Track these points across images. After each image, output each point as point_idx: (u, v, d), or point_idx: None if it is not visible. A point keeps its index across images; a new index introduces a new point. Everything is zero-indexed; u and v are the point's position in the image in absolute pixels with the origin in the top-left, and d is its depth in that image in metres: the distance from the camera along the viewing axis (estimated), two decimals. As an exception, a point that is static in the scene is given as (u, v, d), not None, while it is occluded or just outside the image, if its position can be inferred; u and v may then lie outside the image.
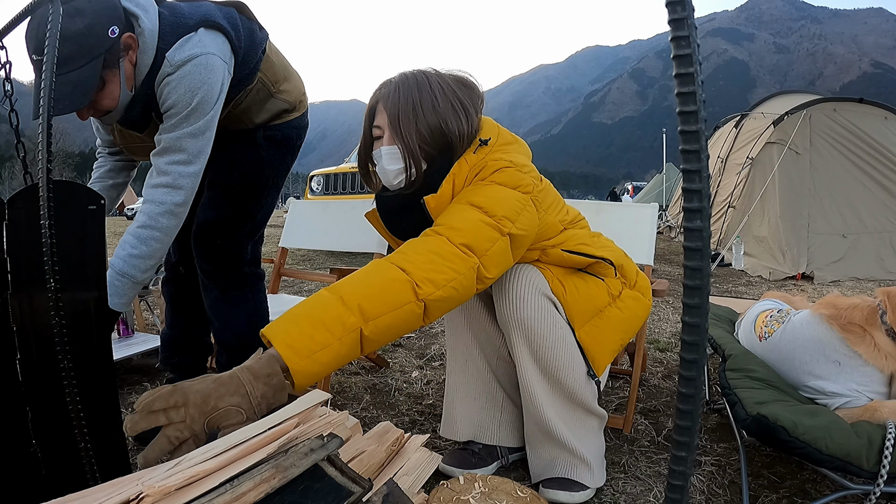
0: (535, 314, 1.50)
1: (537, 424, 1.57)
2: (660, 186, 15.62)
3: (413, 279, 1.21)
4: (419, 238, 1.33)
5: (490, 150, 1.49)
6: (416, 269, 1.23)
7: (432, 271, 1.24)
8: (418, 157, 1.43)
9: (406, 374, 2.70)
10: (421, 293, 1.21)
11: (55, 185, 1.06)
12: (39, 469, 1.19)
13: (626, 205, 2.74)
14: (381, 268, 1.24)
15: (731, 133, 8.32)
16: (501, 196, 1.38)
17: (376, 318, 1.16)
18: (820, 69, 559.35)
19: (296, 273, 3.23)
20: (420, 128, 1.42)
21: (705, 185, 0.52)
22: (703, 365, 0.55)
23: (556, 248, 1.56)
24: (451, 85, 1.48)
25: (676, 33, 0.50)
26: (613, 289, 1.65)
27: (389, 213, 1.58)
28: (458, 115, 1.46)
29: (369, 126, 1.52)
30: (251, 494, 0.89)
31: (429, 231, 1.34)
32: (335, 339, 1.11)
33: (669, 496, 0.58)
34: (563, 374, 1.52)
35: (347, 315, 1.13)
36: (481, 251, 1.30)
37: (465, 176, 1.45)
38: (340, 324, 1.12)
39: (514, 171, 1.42)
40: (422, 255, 1.26)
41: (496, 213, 1.35)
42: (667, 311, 4.15)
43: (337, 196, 7.84)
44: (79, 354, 1.10)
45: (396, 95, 1.44)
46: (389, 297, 1.19)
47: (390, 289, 1.20)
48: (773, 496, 1.58)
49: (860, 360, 1.48)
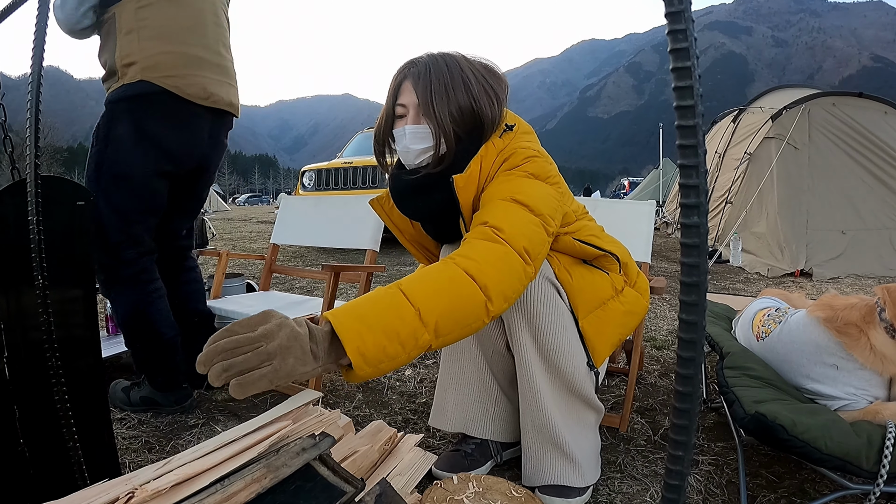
0: (539, 299, 1.49)
1: (533, 417, 1.55)
2: (656, 182, 15.64)
3: (488, 296, 1.15)
4: (484, 245, 1.24)
5: (514, 137, 1.48)
6: (492, 284, 1.16)
7: (506, 286, 1.19)
8: (451, 137, 1.42)
9: (399, 372, 2.68)
10: (492, 310, 1.17)
11: (43, 181, 1.05)
12: (27, 468, 1.18)
13: (623, 202, 2.72)
14: (459, 281, 1.15)
15: (729, 128, 8.30)
16: (542, 193, 1.37)
17: (446, 335, 1.12)
18: (819, 63, 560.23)
19: (287, 270, 3.23)
20: (452, 108, 1.41)
21: (702, 180, 0.51)
22: (701, 363, 0.54)
23: (568, 235, 1.56)
24: (479, 70, 1.48)
25: (673, 27, 0.49)
26: (617, 283, 1.65)
27: (407, 193, 1.55)
28: (490, 99, 1.46)
29: (392, 104, 1.49)
30: (242, 494, 0.88)
31: (485, 233, 1.26)
32: (405, 353, 1.05)
33: (666, 496, 0.57)
34: (564, 362, 1.51)
35: (423, 332, 1.07)
36: (535, 255, 1.28)
37: (493, 159, 1.44)
38: (414, 340, 1.06)
39: (542, 162, 1.43)
40: (494, 266, 1.20)
41: (542, 211, 1.33)
42: (664, 309, 4.14)
43: (329, 192, 7.76)
44: (67, 352, 1.09)
45: (428, 75, 1.42)
46: (465, 318, 1.14)
47: (468, 310, 1.14)
48: (771, 496, 1.57)
49: (857, 364, 1.47)
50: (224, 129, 2.30)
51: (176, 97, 2.01)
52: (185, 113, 2.06)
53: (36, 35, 1.02)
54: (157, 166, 2.05)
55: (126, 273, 2.05)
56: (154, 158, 2.03)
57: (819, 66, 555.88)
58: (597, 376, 1.60)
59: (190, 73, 2.03)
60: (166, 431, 1.99)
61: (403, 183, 1.54)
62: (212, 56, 2.13)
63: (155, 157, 2.03)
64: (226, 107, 2.20)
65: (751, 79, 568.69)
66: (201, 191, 2.40)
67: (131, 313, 2.07)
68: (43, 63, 1.03)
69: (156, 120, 2.00)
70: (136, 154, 1.99)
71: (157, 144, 2.02)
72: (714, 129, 9.10)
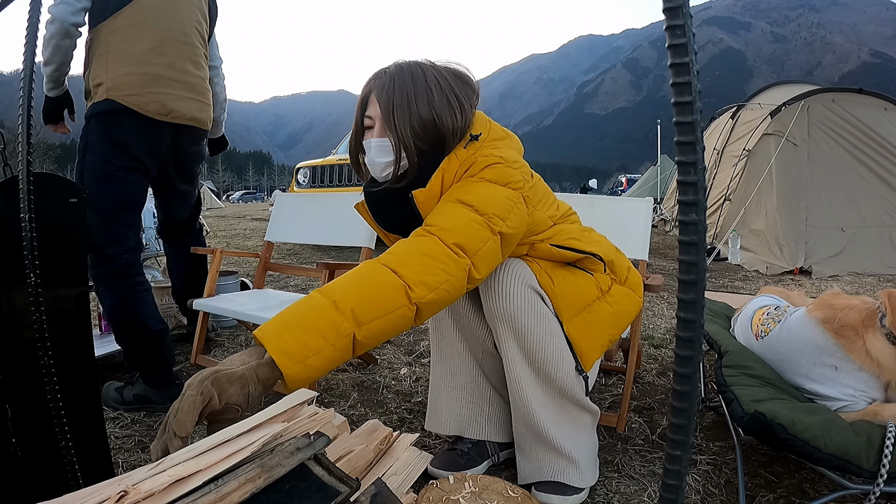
0: (523, 307, 1.48)
1: (526, 423, 1.55)
2: (654, 179, 15.59)
3: (406, 282, 1.20)
4: (410, 239, 1.31)
5: (480, 146, 1.47)
6: (409, 272, 1.21)
7: (425, 274, 1.22)
8: (412, 151, 1.43)
9: (395, 370, 2.68)
10: (414, 296, 1.20)
11: (36, 178, 1.04)
12: (19, 468, 1.17)
13: (620, 199, 2.72)
14: (374, 271, 1.22)
15: (728, 124, 8.27)
16: (492, 194, 1.37)
17: (369, 323, 1.15)
18: (818, 59, 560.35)
19: (281, 267, 3.21)
20: (413, 122, 1.41)
21: (701, 177, 0.51)
22: (699, 362, 0.54)
23: (545, 242, 1.55)
24: (446, 78, 1.47)
25: (671, 22, 0.49)
26: (602, 284, 1.64)
27: (377, 206, 1.57)
28: (453, 110, 1.44)
29: (361, 115, 1.50)
30: (236, 494, 0.87)
31: (420, 231, 1.33)
32: (328, 345, 1.10)
33: (664, 496, 0.56)
34: (552, 368, 1.50)
35: (341, 320, 1.12)
36: (473, 251, 1.29)
37: (455, 171, 1.44)
38: (334, 329, 1.11)
39: (503, 168, 1.41)
40: (415, 257, 1.25)
41: (487, 211, 1.33)
42: (661, 307, 4.14)
43: (324, 189, 7.69)
44: (60, 351, 1.08)
45: (391, 87, 1.42)
46: (382, 301, 1.17)
47: (383, 293, 1.18)
48: (770, 496, 1.57)
49: (856, 366, 1.46)
50: (188, 138, 2.48)
51: (137, 114, 2.22)
52: (147, 127, 2.27)
53: (28, 30, 1.01)
54: (128, 166, 2.25)
55: (109, 268, 2.20)
56: (126, 161, 2.24)
57: (818, 62, 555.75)
58: (586, 380, 1.59)
59: (150, 91, 2.24)
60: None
61: (373, 196, 1.57)
62: (175, 73, 2.32)
63: (125, 160, 2.24)
64: (187, 121, 2.40)
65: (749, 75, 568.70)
66: (178, 187, 2.62)
67: (117, 304, 2.20)
68: (35, 59, 1.02)
69: (122, 130, 2.22)
70: (110, 158, 2.21)
71: (125, 151, 2.23)
72: (712, 125, 9.08)
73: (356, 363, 2.75)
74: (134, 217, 2.32)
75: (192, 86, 2.40)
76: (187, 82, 2.37)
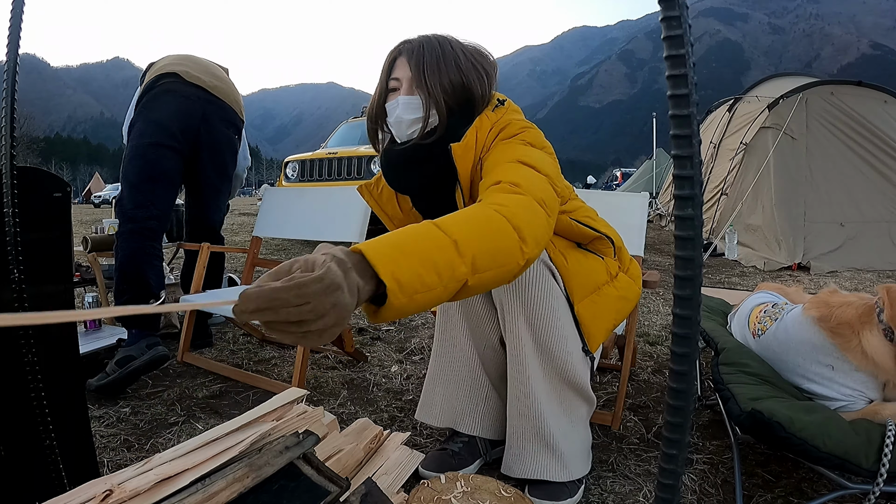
0: (534, 282, 1.48)
1: (521, 405, 1.53)
2: (650, 173, 15.58)
3: (522, 237, 1.12)
4: (502, 195, 1.21)
5: (507, 111, 1.53)
6: (524, 226, 1.12)
7: (536, 231, 1.16)
8: (442, 108, 1.46)
9: (385, 368, 2.66)
10: (526, 253, 1.12)
11: (19, 172, 1.03)
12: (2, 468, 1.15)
13: (615, 193, 2.71)
14: (495, 220, 1.11)
15: (724, 117, 8.26)
16: (543, 158, 1.40)
17: (483, 272, 1.05)
18: (817, 50, 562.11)
19: (270, 263, 3.17)
20: (443, 80, 1.45)
21: (697, 171, 0.51)
22: (695, 359, 0.54)
23: (566, 215, 1.56)
24: (470, 50, 1.53)
25: (667, 13, 0.49)
26: (611, 268, 1.66)
27: (400, 165, 1.57)
28: (480, 75, 1.50)
29: (386, 79, 1.53)
30: (223, 494, 0.86)
31: (503, 187, 1.25)
32: (441, 285, 0.98)
33: (660, 496, 0.57)
34: (558, 348, 1.49)
35: (459, 263, 1.01)
36: (551, 209, 1.27)
37: (488, 130, 1.47)
38: (451, 270, 1.00)
39: (537, 132, 1.46)
40: (526, 210, 1.17)
41: (548, 172, 1.34)
42: (657, 303, 4.13)
43: (313, 183, 7.64)
44: (44, 348, 1.06)
45: (421, 49, 1.48)
46: (502, 254, 1.09)
47: (504, 246, 1.10)
48: (767, 496, 1.55)
49: (853, 365, 1.44)
50: (217, 115, 2.79)
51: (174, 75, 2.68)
52: (181, 93, 2.67)
53: (11, 21, 0.99)
54: (155, 139, 2.57)
55: (130, 227, 2.47)
56: (152, 133, 2.57)
57: (817, 54, 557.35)
58: (592, 361, 1.59)
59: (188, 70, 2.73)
60: (146, 429, 1.95)
61: (396, 154, 1.56)
62: (208, 74, 2.79)
63: (153, 131, 2.58)
64: (211, 89, 2.77)
65: (747, 67, 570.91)
66: (209, 174, 2.86)
67: (128, 257, 2.43)
68: (19, 50, 1.00)
69: (157, 103, 2.63)
70: (140, 131, 2.59)
71: (156, 121, 2.59)
72: (709, 118, 9.09)
73: (346, 361, 2.72)
74: (160, 189, 2.57)
75: (223, 79, 2.88)
76: (219, 77, 2.87)
